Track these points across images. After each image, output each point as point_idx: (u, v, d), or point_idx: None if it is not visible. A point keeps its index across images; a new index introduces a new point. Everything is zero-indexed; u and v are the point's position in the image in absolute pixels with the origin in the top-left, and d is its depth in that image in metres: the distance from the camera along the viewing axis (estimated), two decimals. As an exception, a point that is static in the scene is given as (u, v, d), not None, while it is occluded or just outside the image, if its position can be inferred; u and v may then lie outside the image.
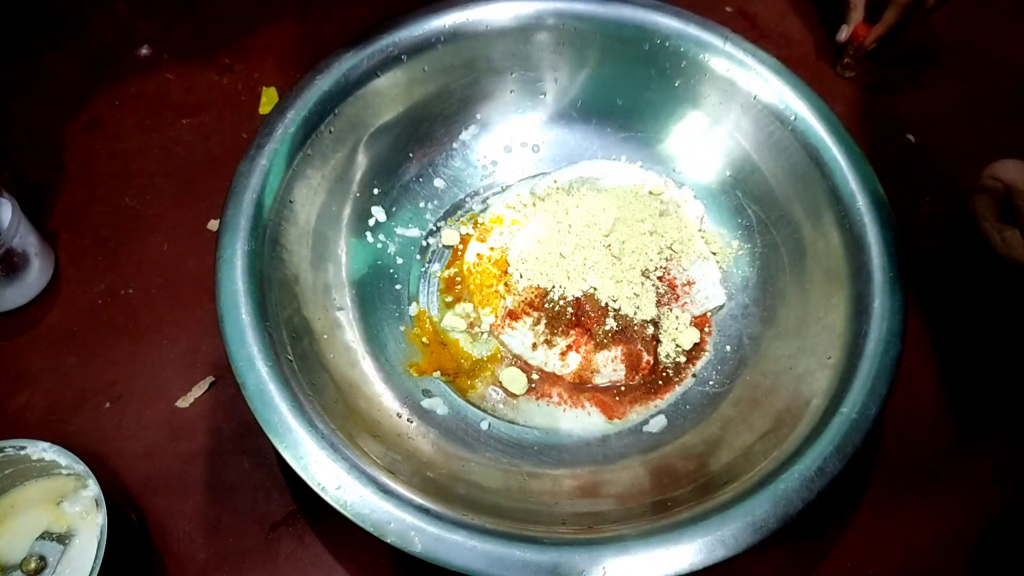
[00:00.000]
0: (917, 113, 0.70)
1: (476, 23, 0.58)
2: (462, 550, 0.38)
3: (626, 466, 0.50)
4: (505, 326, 0.55)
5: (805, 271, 0.54)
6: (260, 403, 0.42)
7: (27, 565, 0.44)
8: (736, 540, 0.39)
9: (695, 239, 0.59)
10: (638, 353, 0.54)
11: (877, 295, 0.47)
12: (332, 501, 0.40)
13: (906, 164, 0.67)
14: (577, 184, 0.61)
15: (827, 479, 0.41)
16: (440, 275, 0.59)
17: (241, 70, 0.70)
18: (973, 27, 0.77)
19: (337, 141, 0.55)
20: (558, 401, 0.54)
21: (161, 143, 0.66)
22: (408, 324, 0.56)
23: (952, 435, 0.55)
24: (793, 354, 0.51)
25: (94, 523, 0.45)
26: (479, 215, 0.61)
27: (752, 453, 0.45)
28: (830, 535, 0.51)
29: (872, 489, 0.52)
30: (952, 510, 0.52)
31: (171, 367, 0.55)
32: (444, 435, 0.51)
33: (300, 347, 0.47)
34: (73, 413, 0.53)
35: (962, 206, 0.54)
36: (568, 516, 0.44)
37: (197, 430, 0.53)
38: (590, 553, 0.39)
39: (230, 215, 0.48)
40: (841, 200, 0.51)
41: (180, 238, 0.61)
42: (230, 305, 0.45)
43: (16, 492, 0.47)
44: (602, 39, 0.59)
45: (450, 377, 0.54)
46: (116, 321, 0.57)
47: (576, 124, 0.64)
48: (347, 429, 0.43)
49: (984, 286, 0.60)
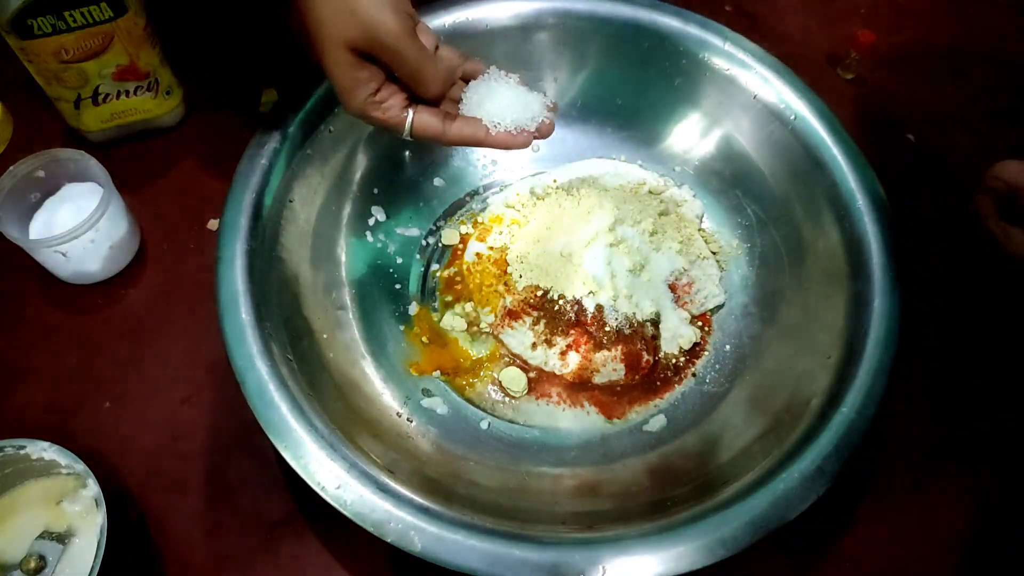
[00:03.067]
0: (917, 113, 0.70)
1: (476, 22, 0.58)
2: (462, 549, 0.38)
3: (626, 466, 0.50)
4: (505, 325, 0.55)
5: (805, 271, 0.54)
6: (260, 403, 0.42)
7: (27, 564, 0.44)
8: (736, 540, 0.39)
9: (695, 239, 0.59)
10: (638, 353, 0.54)
11: (876, 294, 0.47)
12: (332, 501, 0.40)
13: (906, 164, 0.67)
14: (577, 183, 0.61)
15: (826, 479, 0.41)
16: (440, 275, 0.59)
17: (241, 70, 0.70)
18: (973, 27, 0.77)
19: (337, 141, 0.55)
20: (558, 401, 0.54)
21: (161, 143, 0.66)
22: (408, 324, 0.56)
23: (952, 435, 0.55)
24: (793, 354, 0.51)
25: (94, 523, 0.45)
26: (479, 214, 0.61)
27: (752, 453, 0.45)
28: (830, 535, 0.51)
29: (872, 489, 0.52)
30: (952, 510, 0.52)
31: (171, 367, 0.55)
32: (444, 434, 0.51)
33: (300, 347, 0.47)
34: (73, 413, 0.53)
35: (962, 206, 0.54)
36: (568, 516, 0.44)
37: (197, 430, 0.53)
38: (590, 553, 0.39)
39: (230, 215, 0.48)
40: (841, 200, 0.51)
41: (180, 238, 0.61)
42: (230, 305, 0.45)
43: (16, 491, 0.47)
44: (602, 38, 0.59)
45: (450, 376, 0.54)
46: (116, 320, 0.57)
47: (576, 124, 0.64)
48: (347, 429, 0.43)
49: (985, 285, 0.60)
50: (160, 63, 0.60)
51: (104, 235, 0.55)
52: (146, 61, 0.59)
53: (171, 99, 0.63)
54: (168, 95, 0.63)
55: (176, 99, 0.64)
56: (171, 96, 0.63)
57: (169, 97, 0.63)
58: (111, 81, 0.58)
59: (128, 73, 0.59)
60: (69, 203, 0.57)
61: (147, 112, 0.62)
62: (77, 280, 0.57)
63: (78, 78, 0.57)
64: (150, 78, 0.60)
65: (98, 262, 0.56)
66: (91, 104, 0.59)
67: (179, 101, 0.64)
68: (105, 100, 0.60)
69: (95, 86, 0.58)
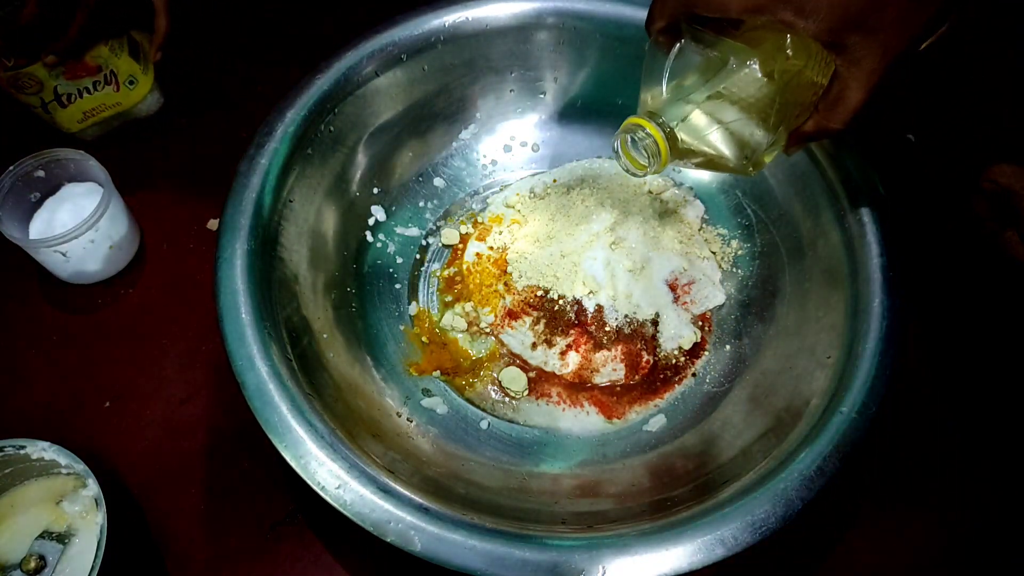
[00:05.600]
0: (917, 113, 0.70)
1: (476, 22, 0.58)
2: (462, 549, 0.38)
3: (626, 466, 0.50)
4: (505, 325, 0.55)
5: (804, 270, 0.54)
6: (260, 403, 0.42)
7: (27, 564, 0.44)
8: (736, 539, 0.39)
9: (695, 239, 0.59)
10: (638, 352, 0.54)
11: (876, 295, 0.47)
12: (332, 501, 0.40)
13: (906, 164, 0.67)
14: (577, 183, 0.61)
15: (826, 478, 0.41)
16: (440, 274, 0.59)
17: (241, 70, 0.70)
18: (973, 27, 0.77)
19: (337, 141, 0.55)
20: (557, 401, 0.54)
21: (161, 143, 0.66)
22: (408, 323, 0.56)
23: (952, 435, 0.55)
24: (792, 353, 0.51)
25: (94, 523, 0.45)
26: (479, 214, 0.61)
27: (751, 452, 0.45)
28: (830, 535, 0.51)
29: (872, 489, 0.52)
30: (952, 510, 0.52)
31: (171, 367, 0.55)
32: (444, 434, 0.51)
33: (300, 346, 0.47)
34: (73, 413, 0.53)
35: (962, 206, 0.54)
36: (568, 515, 0.44)
37: (197, 430, 0.53)
38: (590, 553, 0.39)
39: (230, 215, 0.48)
40: (840, 199, 0.51)
41: (180, 238, 0.61)
42: (230, 305, 0.45)
43: (16, 491, 0.47)
44: (602, 38, 0.59)
45: (450, 376, 0.54)
46: (116, 321, 0.57)
47: (576, 124, 0.64)
48: (347, 428, 0.43)
49: (984, 286, 0.60)
50: (111, 54, 0.59)
51: (104, 235, 0.55)
52: (92, 55, 0.59)
53: (137, 88, 0.62)
54: (132, 85, 0.62)
55: (144, 88, 0.63)
56: (136, 86, 0.62)
57: (134, 87, 0.62)
58: (65, 81, 0.58)
59: (80, 70, 0.58)
60: (69, 203, 0.57)
61: (117, 106, 0.62)
62: (77, 280, 0.57)
63: (33, 83, 0.57)
64: (103, 71, 0.59)
65: (98, 262, 0.56)
66: (58, 106, 0.59)
67: (149, 90, 0.63)
68: (70, 100, 0.59)
69: (53, 87, 0.58)
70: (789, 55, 0.38)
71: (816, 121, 0.41)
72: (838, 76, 0.39)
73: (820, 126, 0.41)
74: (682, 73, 0.42)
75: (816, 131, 0.41)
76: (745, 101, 0.40)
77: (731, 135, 0.41)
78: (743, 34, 0.40)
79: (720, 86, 0.40)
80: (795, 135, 0.42)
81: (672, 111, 0.42)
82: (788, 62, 0.39)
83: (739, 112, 0.41)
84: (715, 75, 0.40)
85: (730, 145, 0.41)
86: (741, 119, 0.41)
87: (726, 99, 0.41)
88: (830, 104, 0.40)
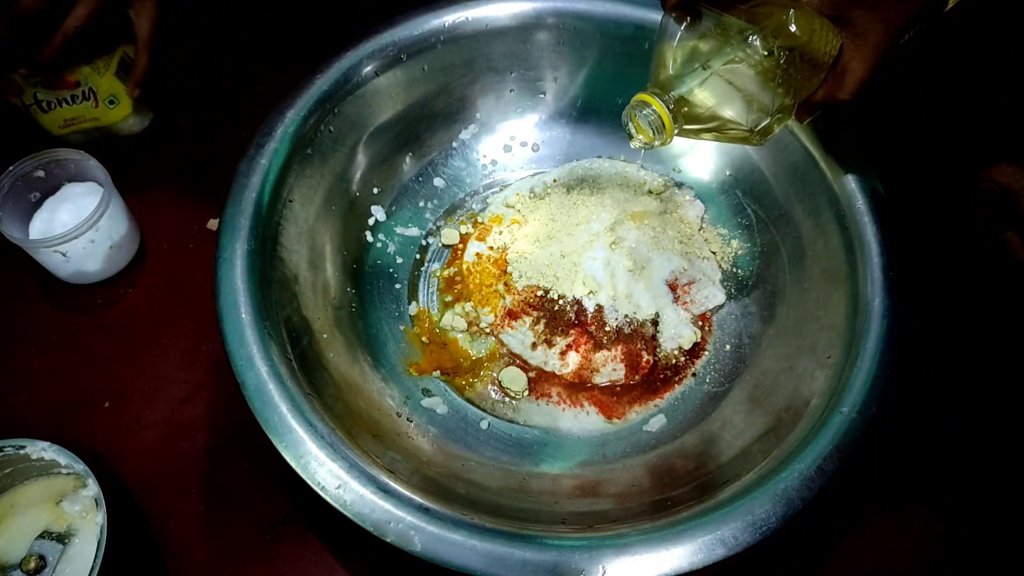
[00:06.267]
0: (917, 112, 0.70)
1: (476, 22, 0.58)
2: (462, 549, 0.38)
3: (626, 466, 0.50)
4: (505, 325, 0.55)
5: (805, 270, 0.54)
6: (260, 403, 0.42)
7: (27, 564, 0.44)
8: (736, 539, 0.39)
9: (695, 239, 0.59)
10: (638, 353, 0.54)
11: (876, 294, 0.47)
12: (332, 501, 0.40)
13: (906, 164, 0.67)
14: (576, 183, 0.61)
15: (826, 478, 0.41)
16: (440, 274, 0.59)
17: (241, 70, 0.70)
18: (973, 27, 0.77)
19: (337, 141, 0.55)
20: (557, 401, 0.54)
21: (161, 143, 0.66)
22: (408, 323, 0.56)
23: (952, 435, 0.55)
24: (793, 353, 0.51)
25: (94, 522, 0.45)
26: (479, 214, 0.61)
27: (752, 452, 0.45)
28: (830, 535, 0.51)
29: (872, 489, 0.52)
30: (952, 510, 0.52)
31: (171, 367, 0.55)
32: (444, 434, 0.51)
33: (300, 346, 0.47)
34: (73, 413, 0.53)
35: (962, 206, 0.54)
36: (568, 515, 0.44)
37: (197, 430, 0.53)
38: (590, 553, 0.39)
39: (230, 215, 0.48)
40: (841, 199, 0.51)
41: (180, 238, 0.61)
42: (230, 305, 0.45)
43: (16, 491, 0.47)
44: (602, 38, 0.59)
45: (450, 376, 0.54)
46: (116, 320, 0.57)
47: (576, 123, 0.64)
48: (347, 428, 0.43)
49: (984, 286, 0.60)
50: (92, 72, 0.59)
51: (104, 235, 0.55)
52: (72, 71, 0.58)
53: (117, 108, 0.62)
54: (112, 104, 0.61)
55: (125, 109, 0.62)
56: (117, 106, 0.61)
57: (114, 107, 0.61)
58: (44, 90, 0.58)
59: (59, 83, 0.58)
60: (69, 203, 0.57)
61: (96, 120, 0.62)
62: (77, 280, 0.57)
63: (13, 87, 0.57)
64: (82, 87, 0.59)
65: (98, 262, 0.56)
66: (39, 111, 0.59)
67: (130, 112, 0.63)
68: (50, 107, 0.59)
69: (33, 93, 0.58)
70: (793, 29, 0.41)
71: (824, 91, 0.43)
72: (844, 49, 0.42)
73: (828, 96, 0.43)
74: (692, 47, 0.44)
75: (824, 100, 0.44)
76: (750, 73, 0.42)
77: (737, 105, 0.43)
78: (750, 9, 0.42)
79: (727, 59, 0.42)
80: (804, 105, 0.44)
81: (680, 84, 0.44)
82: (793, 36, 0.41)
83: (745, 83, 0.43)
84: (722, 48, 0.42)
85: (737, 113, 0.44)
86: (747, 90, 0.43)
87: (733, 71, 0.43)
88: (837, 75, 0.42)
